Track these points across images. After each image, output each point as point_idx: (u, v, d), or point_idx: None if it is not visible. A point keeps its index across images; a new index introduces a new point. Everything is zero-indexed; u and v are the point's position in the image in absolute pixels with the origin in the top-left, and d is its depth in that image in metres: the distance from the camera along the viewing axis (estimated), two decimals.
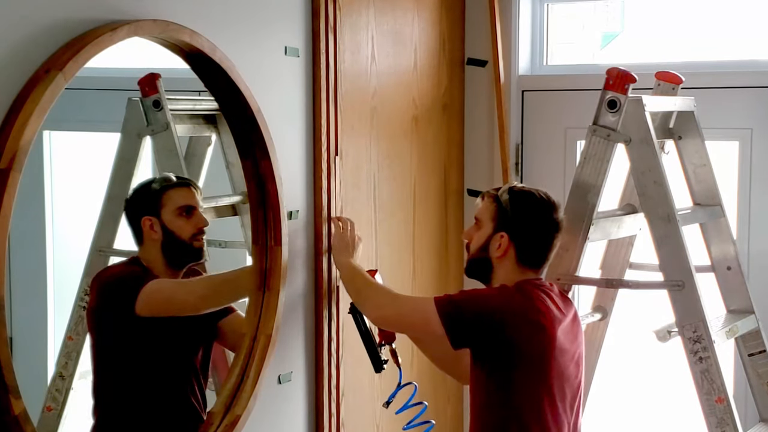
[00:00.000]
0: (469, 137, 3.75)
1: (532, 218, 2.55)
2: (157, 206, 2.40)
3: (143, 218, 2.40)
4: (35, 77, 1.91)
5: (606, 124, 2.85)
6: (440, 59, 3.56)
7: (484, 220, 2.58)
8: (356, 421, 3.06)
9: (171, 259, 2.43)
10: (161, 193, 2.41)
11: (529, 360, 2.45)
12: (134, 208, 2.41)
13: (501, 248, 2.53)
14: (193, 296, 2.52)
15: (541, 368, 2.46)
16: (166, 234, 2.41)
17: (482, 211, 2.59)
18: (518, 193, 2.57)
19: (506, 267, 2.54)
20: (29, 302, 2.37)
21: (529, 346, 2.44)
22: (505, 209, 2.55)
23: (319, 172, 2.81)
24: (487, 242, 2.55)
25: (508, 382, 2.46)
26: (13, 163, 1.84)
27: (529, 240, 2.55)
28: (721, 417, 2.78)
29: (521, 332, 2.43)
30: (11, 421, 1.88)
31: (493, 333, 2.43)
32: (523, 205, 2.55)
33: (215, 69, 2.36)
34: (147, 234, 2.41)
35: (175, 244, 2.42)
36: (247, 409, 2.52)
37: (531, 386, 2.46)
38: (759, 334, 3.09)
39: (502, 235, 2.53)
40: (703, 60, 3.59)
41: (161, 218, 2.41)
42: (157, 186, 2.42)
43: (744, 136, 3.42)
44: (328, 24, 2.80)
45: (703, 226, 3.12)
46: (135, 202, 2.41)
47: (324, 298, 2.83)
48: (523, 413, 2.46)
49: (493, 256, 2.55)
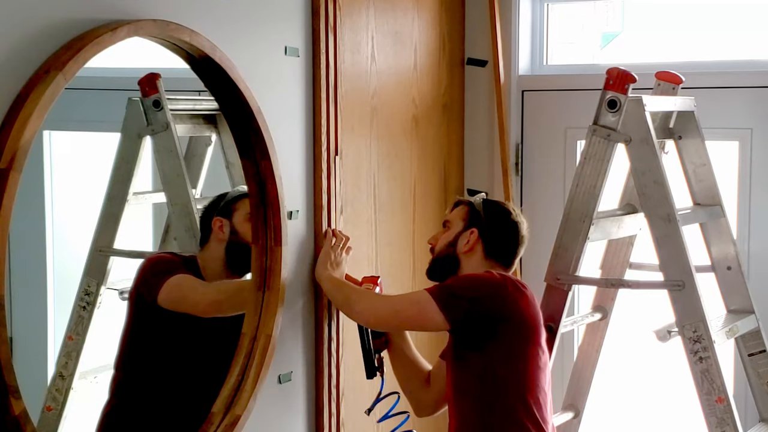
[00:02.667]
0: (469, 137, 3.75)
1: (502, 221, 2.65)
2: (229, 210, 2.55)
3: (215, 218, 2.53)
4: (35, 77, 1.91)
5: (606, 124, 2.85)
6: (440, 59, 3.56)
7: (454, 221, 2.69)
8: (356, 421, 3.05)
9: (231, 260, 2.55)
10: (236, 200, 2.57)
11: (522, 323, 2.52)
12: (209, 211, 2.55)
13: (469, 243, 2.62)
14: (205, 300, 2.57)
15: (531, 331, 2.54)
16: (232, 236, 2.54)
17: (453, 215, 2.71)
18: (492, 202, 2.74)
19: (472, 261, 2.62)
20: (29, 302, 2.37)
21: (520, 311, 2.51)
22: (477, 210, 2.66)
23: (319, 172, 2.81)
24: (456, 239, 2.64)
25: (506, 349, 2.51)
26: (13, 163, 1.84)
27: (498, 239, 2.64)
28: (721, 417, 2.78)
29: (509, 298, 2.50)
30: (11, 421, 1.88)
31: (487, 302, 2.49)
32: (495, 208, 2.69)
33: (215, 69, 2.36)
34: (215, 233, 2.53)
35: (239, 246, 2.54)
36: (247, 409, 2.52)
37: (525, 352, 2.52)
38: (759, 334, 3.09)
39: (472, 231, 2.63)
40: (703, 60, 3.59)
41: (232, 221, 2.55)
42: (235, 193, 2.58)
43: (744, 136, 3.42)
44: (328, 24, 2.80)
45: (703, 226, 3.12)
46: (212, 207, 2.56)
47: (324, 298, 2.83)
48: (521, 382, 2.52)
49: (460, 251, 2.63)
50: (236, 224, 2.55)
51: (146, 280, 2.45)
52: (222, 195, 2.59)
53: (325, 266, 2.77)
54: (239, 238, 2.55)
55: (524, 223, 2.69)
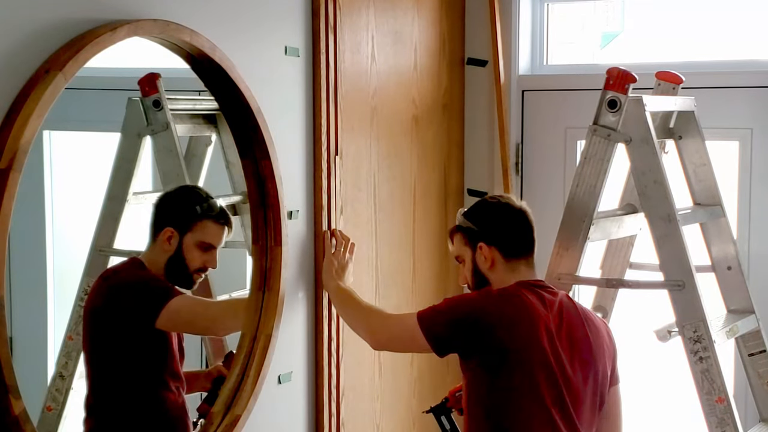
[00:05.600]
0: (469, 137, 3.75)
1: (493, 216, 2.59)
2: (186, 227, 2.42)
3: (167, 228, 2.41)
4: (35, 77, 1.91)
5: (606, 124, 2.85)
6: (440, 59, 3.56)
7: (462, 251, 2.61)
8: (356, 421, 3.05)
9: (168, 274, 2.43)
10: (198, 219, 2.44)
11: (503, 355, 2.41)
12: (167, 212, 2.43)
13: (487, 259, 2.54)
14: (216, 324, 2.56)
15: (519, 363, 2.41)
16: (177, 253, 2.42)
17: (457, 247, 2.62)
18: (469, 209, 2.64)
19: (499, 272, 2.55)
20: (29, 302, 2.37)
21: (503, 342, 2.40)
22: (469, 228, 2.58)
23: (319, 172, 2.81)
24: (476, 264, 2.57)
25: (488, 379, 2.43)
26: (13, 163, 1.84)
27: (502, 233, 2.56)
28: (722, 417, 2.78)
29: (495, 329, 2.40)
30: (11, 421, 1.88)
31: (469, 334, 2.42)
32: (479, 213, 2.61)
33: (215, 69, 2.36)
34: (161, 241, 2.41)
35: (178, 267, 2.43)
36: (247, 409, 2.52)
37: (510, 382, 2.41)
38: (759, 334, 3.09)
39: (480, 246, 2.55)
40: (703, 60, 3.59)
41: (183, 239, 2.42)
42: (200, 210, 2.44)
43: (744, 136, 3.42)
44: (328, 24, 2.80)
45: (704, 225, 3.12)
46: (172, 208, 2.44)
47: (324, 298, 2.83)
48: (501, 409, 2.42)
49: (484, 270, 2.55)
50: (185, 246, 2.42)
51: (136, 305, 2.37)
52: (190, 200, 2.46)
53: (330, 275, 2.77)
54: (182, 259, 2.43)
55: (511, 198, 2.63)
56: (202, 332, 2.63)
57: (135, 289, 2.40)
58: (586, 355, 2.50)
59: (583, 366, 2.49)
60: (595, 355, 2.52)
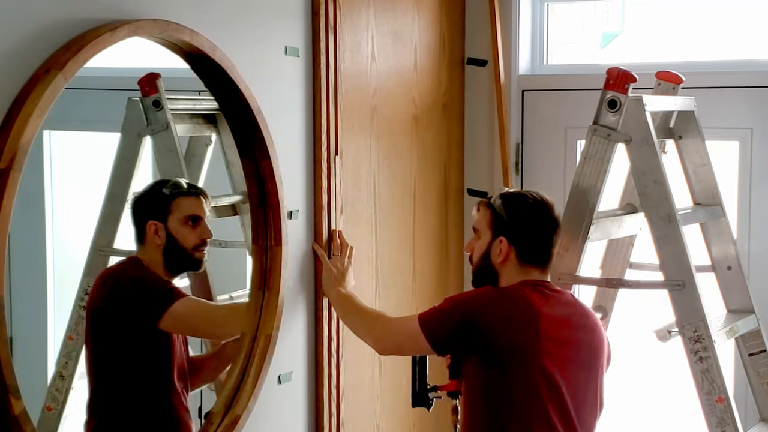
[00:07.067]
0: (469, 137, 3.75)
1: (527, 219, 2.53)
2: (165, 212, 2.41)
3: (149, 222, 2.40)
4: (35, 77, 1.91)
5: (606, 124, 2.85)
6: (440, 59, 3.56)
7: (482, 229, 2.56)
8: (356, 421, 3.05)
9: (170, 264, 2.43)
10: (171, 200, 2.41)
11: (502, 355, 2.39)
12: (142, 209, 2.41)
13: (502, 253, 2.51)
14: (219, 329, 2.58)
15: (518, 363, 2.40)
16: (169, 240, 2.41)
17: (479, 221, 2.58)
18: (510, 196, 2.57)
19: (509, 270, 2.52)
20: (29, 302, 2.37)
21: (502, 341, 2.39)
22: (500, 214, 2.53)
23: (319, 172, 2.81)
24: (488, 250, 2.54)
25: (487, 379, 2.43)
26: (13, 163, 1.84)
27: (527, 240, 2.52)
28: (722, 417, 2.78)
29: (495, 329, 2.40)
30: (11, 421, 1.88)
31: (468, 334, 2.42)
32: (516, 208, 2.54)
33: (215, 68, 2.36)
34: (150, 237, 2.40)
35: (176, 252, 2.42)
36: (247, 409, 2.52)
37: (509, 381, 2.40)
38: (759, 334, 3.09)
39: (501, 240, 2.51)
40: (703, 60, 3.59)
41: (167, 224, 2.41)
42: (168, 192, 2.41)
43: (744, 136, 3.42)
44: (328, 23, 2.80)
45: (704, 225, 3.12)
46: (143, 204, 2.41)
47: (324, 297, 2.83)
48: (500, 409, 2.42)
49: (495, 262, 2.52)
50: (172, 229, 2.41)
51: (139, 306, 2.37)
52: (155, 189, 2.43)
53: (330, 283, 2.77)
54: (177, 243, 2.41)
55: (552, 207, 2.54)
56: (204, 336, 2.63)
57: (138, 288, 2.40)
58: (586, 355, 2.50)
59: (584, 366, 2.49)
60: (595, 355, 2.52)
